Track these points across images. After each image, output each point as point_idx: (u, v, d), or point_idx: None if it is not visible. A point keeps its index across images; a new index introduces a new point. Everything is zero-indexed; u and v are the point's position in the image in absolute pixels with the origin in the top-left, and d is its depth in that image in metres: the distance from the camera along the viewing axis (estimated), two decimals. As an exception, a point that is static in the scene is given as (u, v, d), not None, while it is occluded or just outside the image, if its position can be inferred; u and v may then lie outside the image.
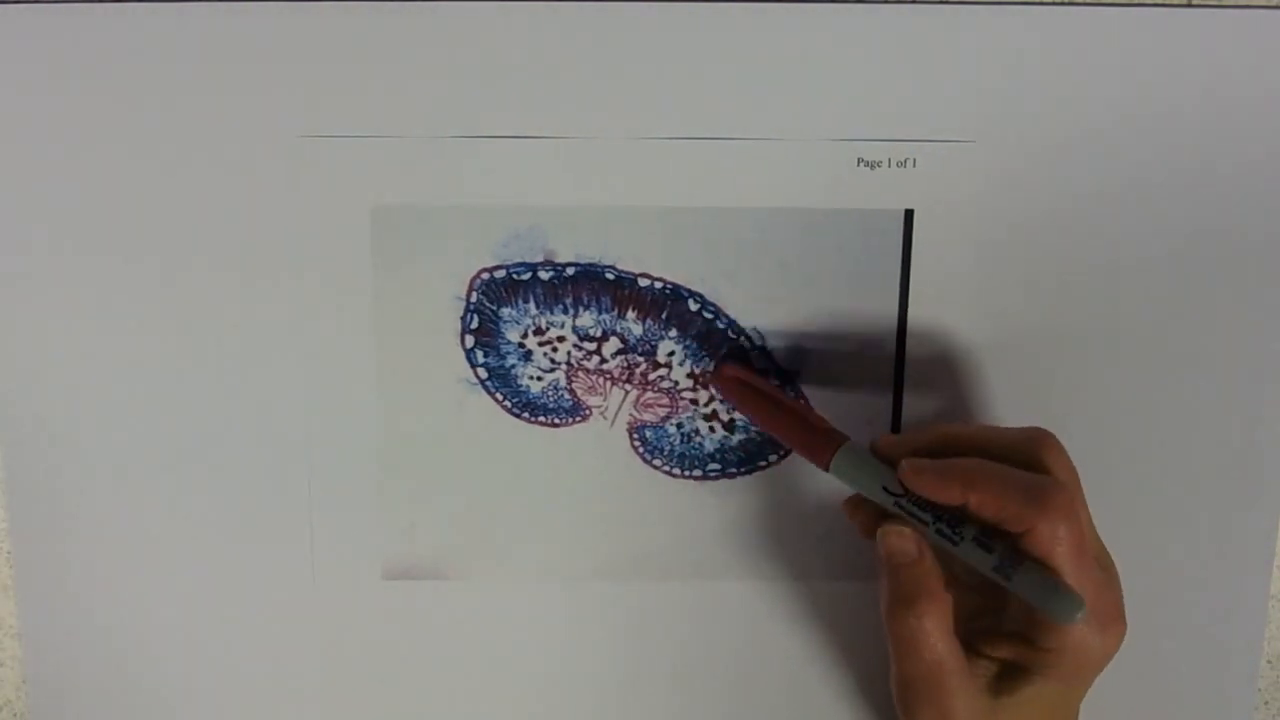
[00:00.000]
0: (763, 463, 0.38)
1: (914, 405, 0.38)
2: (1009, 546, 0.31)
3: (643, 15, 0.35)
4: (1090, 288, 0.37)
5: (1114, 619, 0.31)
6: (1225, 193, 0.37)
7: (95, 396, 0.37)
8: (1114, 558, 0.34)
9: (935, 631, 0.31)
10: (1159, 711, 0.40)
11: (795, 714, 0.40)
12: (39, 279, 0.37)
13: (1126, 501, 0.39)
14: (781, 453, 0.38)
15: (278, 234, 0.36)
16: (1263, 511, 0.39)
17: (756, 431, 0.38)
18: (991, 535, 0.31)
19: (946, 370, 0.38)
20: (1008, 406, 0.38)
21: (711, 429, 0.38)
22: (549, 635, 0.39)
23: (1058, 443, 0.32)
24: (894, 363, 0.38)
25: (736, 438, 0.38)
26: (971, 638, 0.33)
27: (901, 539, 0.32)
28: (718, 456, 0.38)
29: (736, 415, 0.38)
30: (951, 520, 0.31)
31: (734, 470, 0.38)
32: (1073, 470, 0.32)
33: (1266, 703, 0.41)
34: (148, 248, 0.36)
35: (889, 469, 0.33)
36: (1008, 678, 0.32)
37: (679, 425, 0.38)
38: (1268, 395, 0.38)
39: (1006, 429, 0.33)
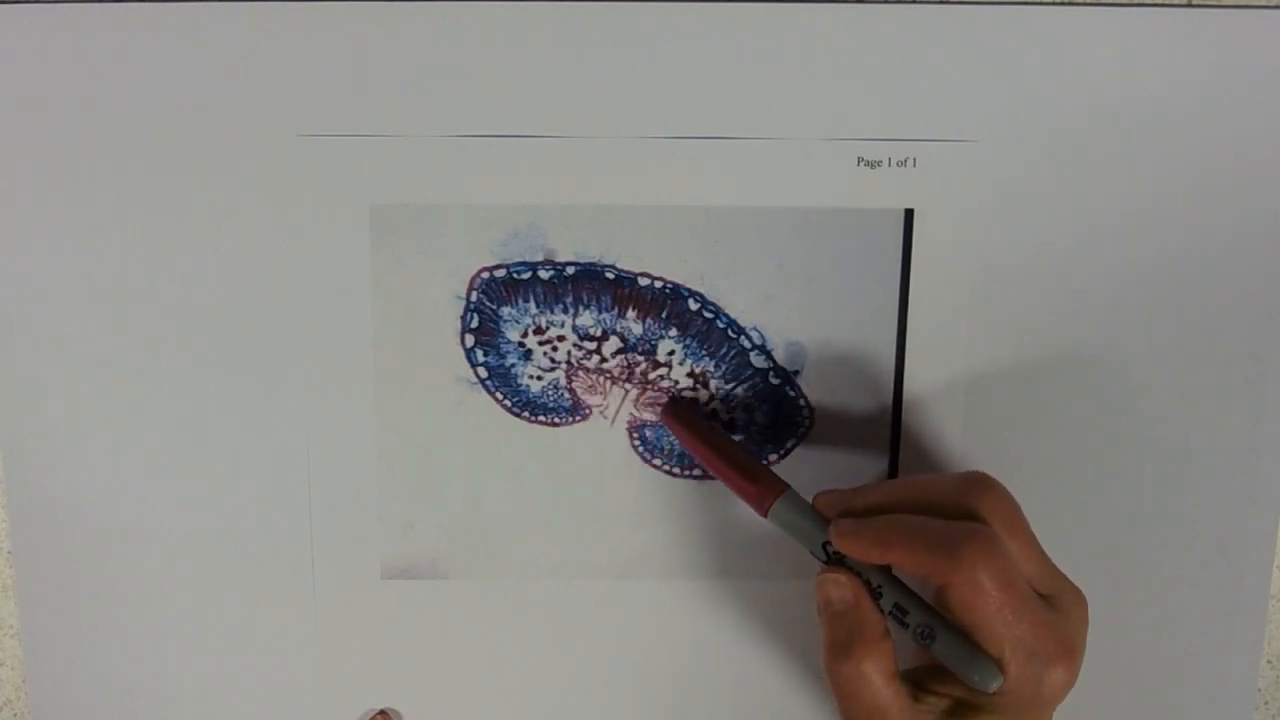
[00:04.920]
0: (763, 462, 0.38)
1: (914, 405, 0.38)
2: (927, 614, 0.31)
3: (643, 15, 0.35)
4: (1091, 287, 0.37)
5: (1060, 655, 0.30)
6: (1225, 193, 0.37)
7: (94, 396, 0.37)
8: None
9: (875, 676, 0.31)
10: (1159, 711, 0.40)
11: (795, 712, 0.40)
12: (37, 279, 0.37)
13: (1127, 501, 0.39)
14: (782, 452, 0.38)
15: (276, 233, 0.36)
16: (1263, 511, 0.39)
17: (756, 431, 0.38)
18: (912, 599, 0.31)
19: (946, 370, 0.38)
20: (1008, 406, 0.38)
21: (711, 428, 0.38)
22: (548, 635, 0.39)
23: (989, 484, 0.31)
24: (894, 362, 0.38)
25: (736, 437, 0.38)
26: (921, 675, 0.33)
27: (838, 586, 0.32)
28: (717, 456, 0.38)
29: (736, 415, 0.38)
30: (876, 586, 0.32)
31: (734, 470, 0.38)
32: (1006, 511, 0.31)
33: (1266, 703, 0.41)
34: (145, 247, 0.36)
35: (824, 524, 0.33)
36: (959, 714, 0.32)
37: (679, 425, 0.38)
38: (1268, 396, 0.38)
39: (942, 477, 0.33)
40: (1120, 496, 0.39)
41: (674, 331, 0.37)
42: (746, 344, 0.38)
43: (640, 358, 0.38)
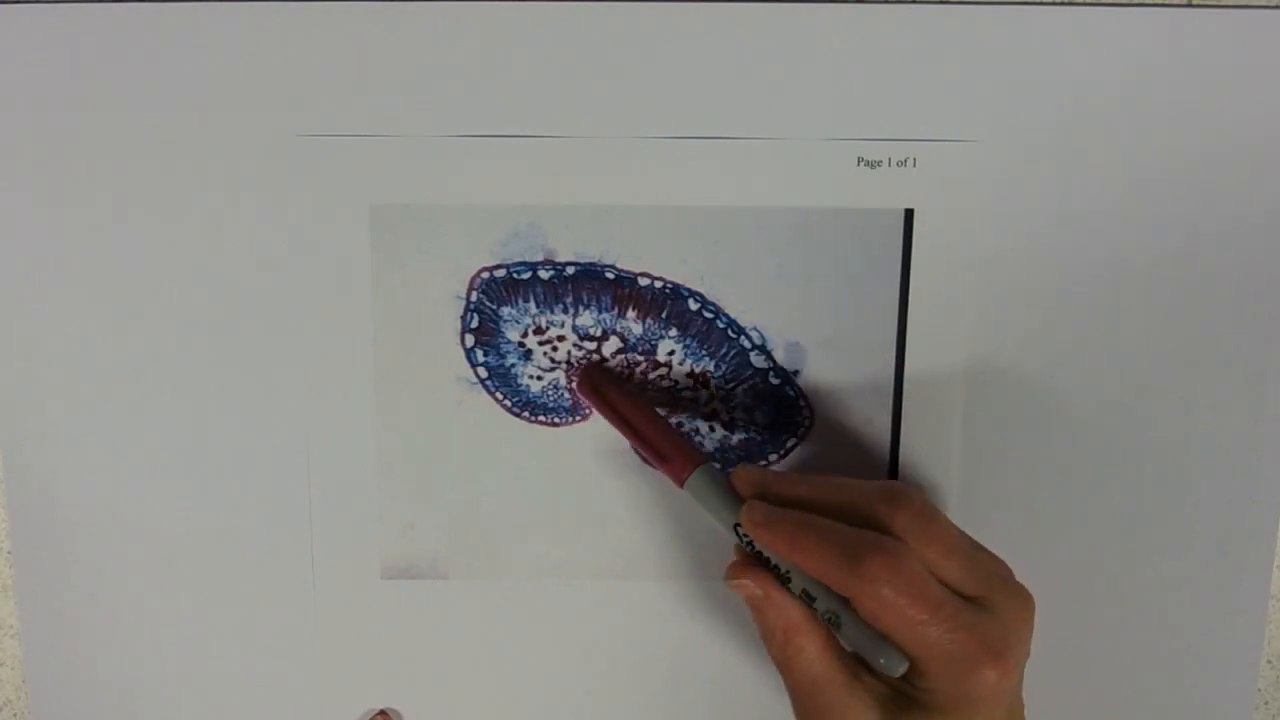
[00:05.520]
0: (763, 463, 0.38)
1: (914, 405, 0.38)
2: (833, 600, 0.31)
3: (643, 15, 0.35)
4: (1091, 287, 0.37)
5: (987, 657, 0.29)
6: (1225, 193, 0.37)
7: (94, 396, 0.37)
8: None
9: (808, 651, 0.32)
10: (1159, 711, 0.40)
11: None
12: (38, 279, 0.37)
13: (1127, 500, 0.39)
14: (782, 452, 0.38)
15: (276, 233, 0.36)
16: (1263, 511, 0.39)
17: (756, 431, 0.38)
18: (818, 585, 0.31)
19: (946, 370, 0.38)
20: (1008, 406, 0.38)
21: (711, 428, 0.38)
22: (548, 635, 0.39)
23: (902, 498, 0.31)
24: (894, 363, 0.38)
25: (736, 437, 0.38)
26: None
27: (744, 589, 0.33)
28: (718, 456, 0.38)
29: (736, 415, 0.38)
30: (785, 571, 0.32)
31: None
32: (919, 525, 0.31)
33: (1266, 703, 0.41)
34: (146, 247, 0.36)
35: (740, 503, 0.33)
36: (895, 704, 0.31)
37: (678, 424, 0.38)
38: (1268, 396, 0.38)
39: (861, 484, 0.32)
40: (1120, 496, 0.39)
41: (674, 331, 0.37)
42: (746, 344, 0.38)
43: (640, 358, 0.38)
